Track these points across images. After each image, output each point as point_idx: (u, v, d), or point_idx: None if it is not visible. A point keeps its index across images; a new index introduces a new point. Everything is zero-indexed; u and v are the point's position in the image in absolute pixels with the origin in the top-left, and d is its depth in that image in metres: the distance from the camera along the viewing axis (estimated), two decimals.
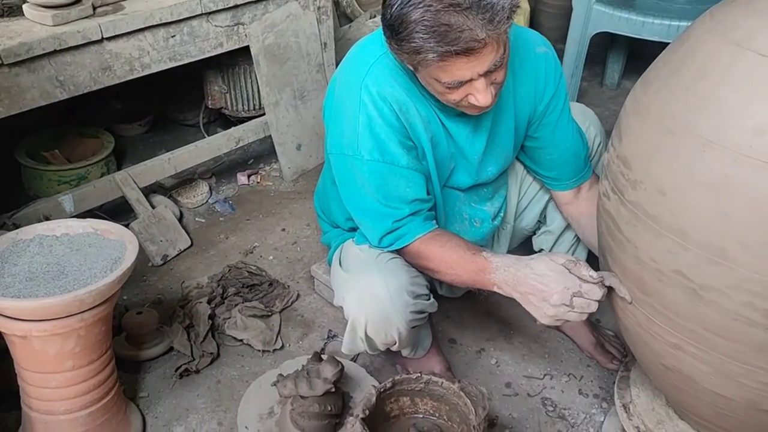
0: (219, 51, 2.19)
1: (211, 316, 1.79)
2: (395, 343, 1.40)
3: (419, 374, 1.39)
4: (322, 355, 1.50)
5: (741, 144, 0.87)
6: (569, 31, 2.75)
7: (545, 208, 1.67)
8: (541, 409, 1.58)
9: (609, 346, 1.69)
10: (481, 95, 1.17)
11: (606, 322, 1.79)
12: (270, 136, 2.46)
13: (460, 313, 1.87)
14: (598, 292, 1.13)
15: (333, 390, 1.45)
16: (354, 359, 1.71)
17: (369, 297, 1.33)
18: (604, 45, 3.20)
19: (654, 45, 1.99)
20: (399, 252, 1.39)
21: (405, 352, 1.58)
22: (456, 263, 1.30)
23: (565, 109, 1.45)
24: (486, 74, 1.15)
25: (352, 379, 1.62)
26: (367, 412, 1.31)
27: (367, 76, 1.30)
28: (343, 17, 2.96)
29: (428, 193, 1.39)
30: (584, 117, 1.59)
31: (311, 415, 1.44)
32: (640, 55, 2.84)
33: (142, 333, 1.69)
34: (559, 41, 3.14)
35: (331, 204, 1.62)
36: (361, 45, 1.39)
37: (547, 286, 1.15)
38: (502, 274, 1.22)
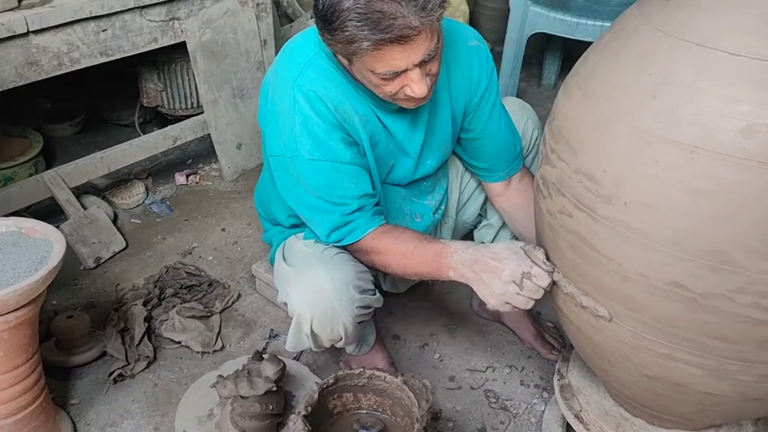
0: (154, 46, 2.13)
1: (147, 319, 1.73)
2: (341, 339, 1.38)
3: (362, 369, 1.37)
4: (264, 354, 1.47)
5: (731, 146, 0.83)
6: (507, 32, 2.80)
7: (485, 201, 1.69)
8: (484, 401, 1.59)
9: (549, 337, 1.73)
10: (416, 86, 1.17)
11: (546, 314, 1.83)
12: (209, 135, 2.41)
13: (404, 309, 1.87)
14: (546, 280, 1.14)
15: (275, 389, 1.42)
16: (297, 358, 1.68)
17: (315, 292, 1.31)
18: (540, 47, 3.28)
19: (588, 46, 2.04)
20: (349, 248, 1.38)
21: (349, 349, 1.57)
22: (411, 252, 1.29)
23: (497, 102, 1.47)
24: (421, 64, 1.15)
25: (294, 378, 1.59)
26: (309, 409, 1.29)
27: (299, 76, 1.28)
28: (284, 17, 2.93)
29: (374, 188, 1.39)
30: (522, 111, 1.62)
31: (252, 416, 1.41)
32: (575, 55, 2.92)
33: (73, 338, 1.61)
34: (497, 43, 3.21)
35: (271, 202, 1.59)
36: (292, 45, 1.37)
37: (502, 263, 1.16)
38: (460, 255, 1.22)
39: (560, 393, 1.35)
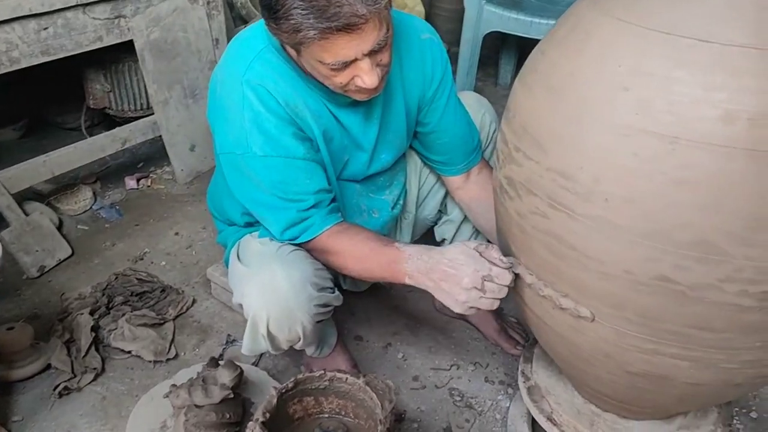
0: (98, 45, 2.04)
1: (95, 328, 1.64)
2: (299, 340, 1.33)
3: (323, 372, 1.32)
4: (219, 361, 1.41)
5: (711, 134, 0.81)
6: (462, 32, 2.80)
7: (445, 197, 1.66)
8: (448, 399, 1.56)
9: (513, 332, 1.71)
10: (367, 76, 1.14)
11: (509, 310, 1.81)
12: (160, 136, 2.32)
13: (366, 310, 1.82)
14: (508, 277, 1.11)
15: (231, 396, 1.36)
16: (255, 363, 1.62)
17: (270, 290, 1.25)
18: (496, 46, 3.29)
19: None
20: (305, 246, 1.33)
21: (309, 351, 1.52)
22: (366, 256, 1.25)
23: (452, 94, 1.45)
24: (371, 54, 1.12)
25: (253, 384, 1.53)
26: (267, 415, 1.23)
27: (248, 71, 1.24)
28: (238, 19, 2.86)
29: (329, 184, 1.34)
30: (479, 104, 1.60)
31: (208, 425, 1.35)
32: (529, 54, 2.94)
33: (14, 351, 1.52)
34: (453, 44, 3.20)
35: (224, 201, 1.53)
36: (240, 39, 1.32)
37: (458, 270, 1.12)
38: (415, 262, 1.19)
39: (528, 396, 1.32)
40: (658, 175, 0.84)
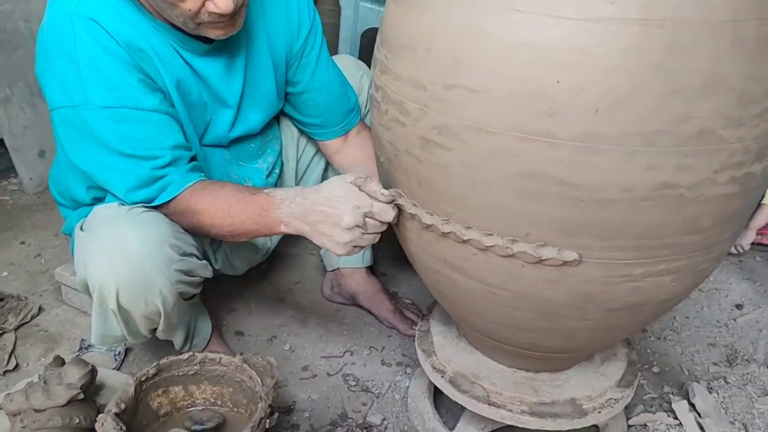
0: None
1: None
2: (160, 317, 1.14)
3: (192, 354, 1.14)
4: (66, 359, 1.18)
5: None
6: (340, 30, 2.75)
7: (327, 169, 1.56)
8: (342, 385, 1.40)
9: (408, 313, 1.59)
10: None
11: (403, 293, 1.70)
12: (2, 140, 2.05)
13: (247, 305, 1.65)
14: (391, 213, 1.00)
15: (81, 397, 1.14)
16: (118, 368, 1.40)
17: (120, 254, 1.06)
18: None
19: None
20: (164, 210, 1.15)
21: (177, 343, 1.32)
22: (234, 208, 1.10)
23: (323, 51, 1.36)
24: None
25: (113, 390, 1.30)
26: (123, 406, 1.03)
27: (79, 4, 1.07)
28: None
29: (188, 141, 1.19)
30: (357, 67, 1.53)
31: (52, 431, 1.11)
32: None
33: None
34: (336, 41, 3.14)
35: (67, 177, 1.32)
36: None
37: (337, 209, 0.99)
38: (288, 207, 1.05)
39: (419, 343, 1.25)
40: (646, 69, 0.73)
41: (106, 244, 1.07)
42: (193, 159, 1.18)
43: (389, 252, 1.87)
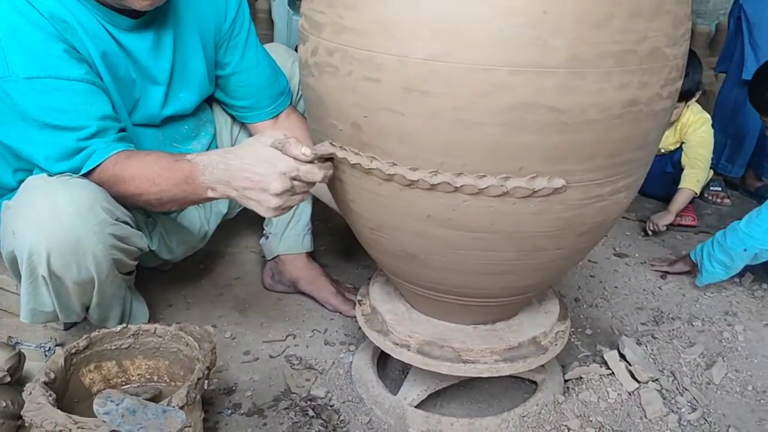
0: None
1: None
2: (93, 285, 1.10)
3: (125, 326, 1.11)
4: None
5: None
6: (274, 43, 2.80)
7: None
8: (285, 365, 1.39)
9: (350, 295, 1.59)
10: None
11: (345, 280, 1.71)
12: None
13: (185, 300, 1.62)
14: (318, 173, 1.01)
15: (8, 380, 1.10)
16: None
17: (50, 216, 1.03)
18: None
19: None
20: (90, 179, 1.13)
21: (112, 326, 1.27)
22: (159, 176, 1.09)
23: (251, 33, 1.40)
24: None
25: None
26: (52, 375, 1.00)
27: None
28: None
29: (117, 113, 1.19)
30: (288, 54, 1.56)
31: None
32: None
33: None
34: None
35: None
36: None
37: (263, 176, 0.99)
38: (212, 173, 1.04)
39: (368, 326, 1.23)
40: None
41: (35, 208, 1.04)
42: (121, 131, 1.17)
43: (329, 244, 1.89)
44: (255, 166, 1.00)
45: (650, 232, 2.03)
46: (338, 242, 1.90)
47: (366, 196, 1.02)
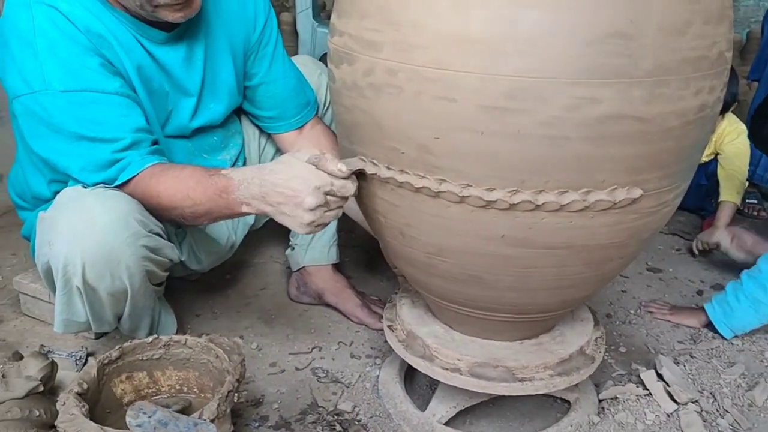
0: None
1: None
2: (126, 295, 1.12)
3: (156, 337, 1.12)
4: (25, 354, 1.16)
5: None
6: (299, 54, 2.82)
7: None
8: (312, 378, 1.39)
9: (375, 308, 1.59)
10: None
11: (370, 292, 1.70)
12: None
13: (212, 310, 1.63)
14: (352, 187, 1.01)
15: (41, 389, 1.11)
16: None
17: (85, 227, 1.05)
18: None
19: None
20: (125, 191, 1.15)
21: (142, 337, 1.29)
22: (193, 190, 1.10)
23: (279, 44, 1.42)
24: None
25: None
26: (84, 386, 1.01)
27: None
28: None
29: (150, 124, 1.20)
30: (315, 65, 1.58)
31: (11, 425, 1.07)
32: None
33: None
34: None
35: (27, 173, 1.31)
36: None
37: (297, 191, 0.99)
38: (248, 188, 1.05)
39: (410, 352, 1.19)
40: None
41: (70, 220, 1.06)
42: (155, 143, 1.19)
43: (354, 256, 1.89)
44: (289, 181, 1.00)
45: (696, 252, 1.97)
46: (363, 254, 1.90)
47: (427, 220, 0.97)
